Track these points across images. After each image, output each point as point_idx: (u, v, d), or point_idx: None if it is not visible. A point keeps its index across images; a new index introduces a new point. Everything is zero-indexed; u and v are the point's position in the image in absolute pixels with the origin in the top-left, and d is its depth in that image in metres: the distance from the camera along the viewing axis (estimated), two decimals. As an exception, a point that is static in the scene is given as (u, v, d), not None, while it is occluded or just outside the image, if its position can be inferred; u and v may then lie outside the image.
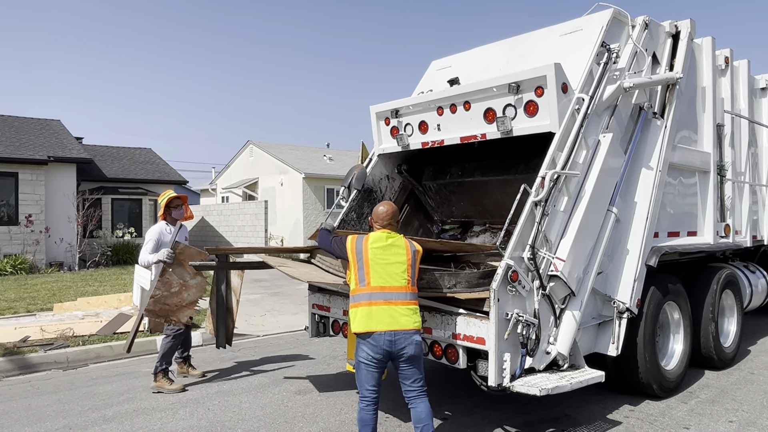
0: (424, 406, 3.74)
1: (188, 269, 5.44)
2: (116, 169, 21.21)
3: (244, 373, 6.19)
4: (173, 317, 5.42)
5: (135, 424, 4.68)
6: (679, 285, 5.54)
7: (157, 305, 5.28)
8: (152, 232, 5.76)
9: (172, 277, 5.35)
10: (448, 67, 6.25)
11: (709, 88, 6.06)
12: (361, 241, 3.83)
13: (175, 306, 5.39)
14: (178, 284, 5.37)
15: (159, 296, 5.26)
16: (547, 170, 4.16)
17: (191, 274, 5.46)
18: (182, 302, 5.42)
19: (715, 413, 4.76)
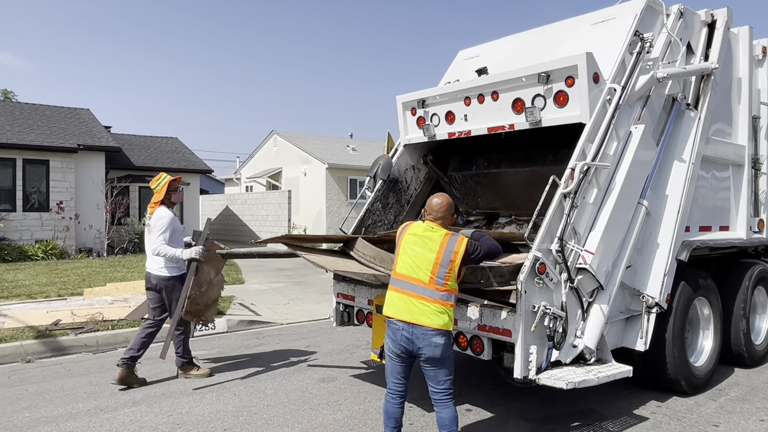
0: (448, 411, 3.58)
1: (214, 266, 5.39)
2: (143, 158, 21.55)
3: (269, 361, 6.27)
4: (202, 317, 5.39)
5: (163, 407, 4.78)
6: (710, 280, 5.42)
7: (192, 306, 5.23)
8: (165, 220, 5.37)
9: (202, 276, 5.31)
10: (475, 56, 6.18)
11: (745, 78, 5.89)
12: (404, 228, 3.75)
13: (205, 305, 5.36)
14: (206, 283, 5.36)
15: (194, 296, 5.23)
16: (577, 161, 4.10)
17: (215, 271, 5.45)
18: (209, 301, 5.39)
19: (746, 411, 4.67)
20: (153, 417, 4.55)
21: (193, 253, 5.25)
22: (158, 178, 5.58)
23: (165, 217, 5.38)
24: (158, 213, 5.42)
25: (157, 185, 5.53)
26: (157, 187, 5.52)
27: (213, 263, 5.40)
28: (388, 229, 5.88)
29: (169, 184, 5.50)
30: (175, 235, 5.38)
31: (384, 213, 5.87)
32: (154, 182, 5.56)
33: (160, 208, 5.46)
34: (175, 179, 5.60)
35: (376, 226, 5.80)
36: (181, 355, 5.59)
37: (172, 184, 5.53)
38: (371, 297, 4.91)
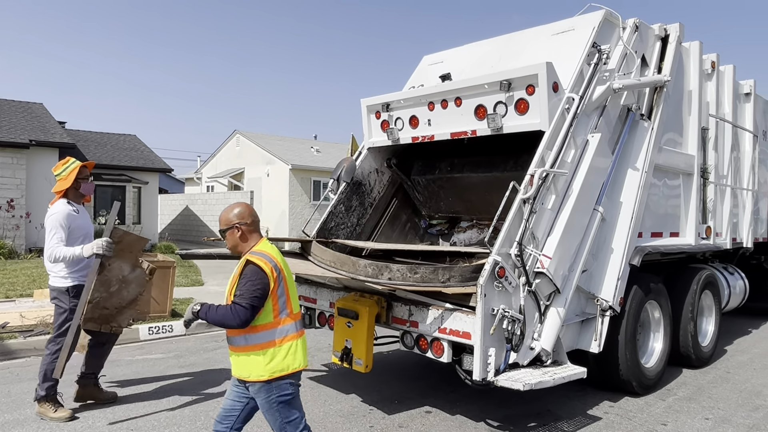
0: None
1: (128, 260, 4.56)
2: (100, 155, 20.89)
3: (228, 364, 6.14)
4: (113, 323, 4.54)
5: (117, 412, 4.64)
6: (661, 284, 5.63)
7: (95, 311, 4.38)
8: (58, 216, 4.37)
9: (111, 274, 4.43)
10: (440, 62, 6.26)
11: (695, 91, 6.15)
12: (275, 258, 2.94)
13: (115, 309, 4.52)
14: (118, 281, 4.49)
15: (98, 300, 4.38)
16: (537, 168, 4.20)
17: (131, 266, 4.60)
18: (122, 303, 4.55)
19: (692, 410, 4.86)
20: (106, 423, 4.42)
21: (94, 248, 4.28)
22: (65, 162, 4.58)
23: (58, 212, 4.39)
24: (52, 208, 4.47)
25: (62, 171, 4.52)
26: (61, 173, 4.50)
27: (126, 257, 4.54)
28: (351, 231, 5.89)
29: (78, 170, 4.52)
30: (72, 234, 4.42)
31: (347, 216, 5.87)
32: (58, 167, 4.56)
33: (59, 201, 4.50)
34: (86, 164, 4.62)
35: (338, 228, 5.80)
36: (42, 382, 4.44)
37: (82, 171, 4.55)
38: (333, 300, 4.90)
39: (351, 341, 4.45)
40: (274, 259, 2.91)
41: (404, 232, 6.43)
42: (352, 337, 4.45)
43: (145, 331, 7.36)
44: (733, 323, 8.66)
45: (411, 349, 4.39)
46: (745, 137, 7.58)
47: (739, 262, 8.11)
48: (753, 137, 7.66)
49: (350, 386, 5.31)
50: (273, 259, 2.91)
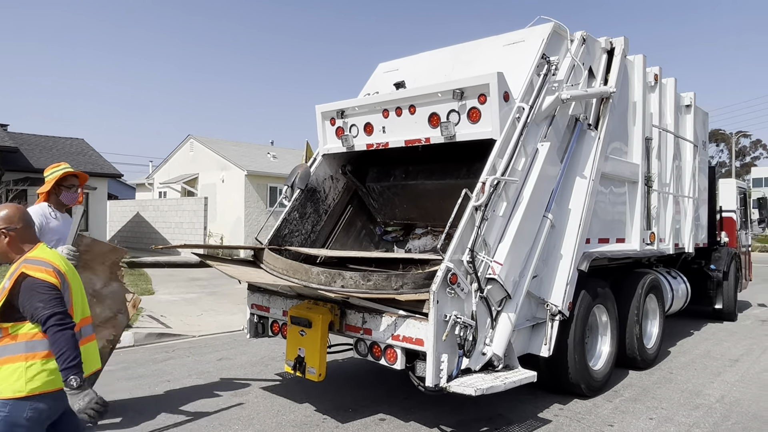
0: None
1: (100, 273, 4.05)
2: (45, 160, 20.02)
3: (179, 375, 6.00)
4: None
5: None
6: (608, 289, 5.81)
7: None
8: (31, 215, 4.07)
9: None
10: (395, 70, 6.30)
11: (639, 103, 6.40)
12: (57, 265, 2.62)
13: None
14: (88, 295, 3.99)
15: None
16: (488, 176, 4.27)
17: (104, 279, 4.07)
18: (95, 321, 3.77)
19: (637, 411, 5.02)
20: (45, 440, 4.21)
21: None
22: (55, 166, 4.36)
23: (31, 211, 3.98)
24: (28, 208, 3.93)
25: (49, 174, 4.30)
26: (48, 176, 4.29)
27: (97, 269, 4.07)
28: (305, 239, 5.84)
29: (62, 177, 4.25)
30: (45, 236, 3.99)
31: (301, 223, 5.82)
32: (48, 169, 4.36)
33: (38, 204, 4.25)
34: (76, 174, 4.38)
35: (293, 235, 5.74)
36: None
37: (67, 179, 4.29)
38: (286, 308, 4.84)
39: (304, 350, 4.41)
40: (54, 264, 2.57)
41: (359, 239, 6.42)
42: (305, 345, 4.40)
43: (91, 343, 7.07)
44: (676, 325, 9.02)
45: (365, 357, 4.38)
46: (686, 147, 7.94)
47: (682, 266, 8.48)
48: (693, 147, 8.03)
49: (304, 395, 5.25)
50: (53, 264, 2.57)
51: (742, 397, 5.44)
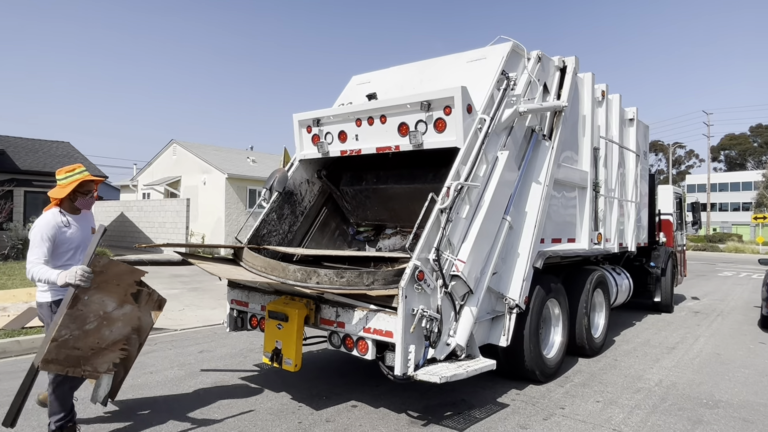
0: None
1: (113, 295, 3.67)
2: (30, 162, 19.36)
3: (161, 367, 5.86)
4: (87, 366, 3.58)
5: (41, 420, 4.28)
6: (560, 284, 5.92)
7: (61, 351, 3.42)
8: (41, 230, 3.62)
9: (87, 309, 3.53)
10: (367, 82, 6.30)
11: (588, 116, 6.55)
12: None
13: (91, 350, 3.59)
14: (97, 318, 3.60)
15: (66, 338, 3.44)
16: (453, 181, 4.31)
17: (117, 301, 3.70)
18: (101, 343, 3.65)
19: (586, 395, 5.13)
20: (30, 431, 4.06)
21: (68, 277, 3.41)
22: (71, 169, 3.86)
23: (43, 224, 3.65)
24: (40, 218, 3.74)
25: (64, 178, 3.81)
26: (62, 180, 3.81)
27: (111, 290, 3.67)
28: (282, 238, 5.78)
29: (81, 184, 3.81)
30: (59, 248, 3.68)
31: (279, 223, 5.76)
32: (62, 172, 3.85)
33: (50, 210, 3.78)
34: (94, 179, 3.91)
35: (271, 235, 5.68)
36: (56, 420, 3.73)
37: (85, 185, 3.84)
38: (264, 303, 4.79)
39: (281, 342, 4.37)
40: None
41: (333, 239, 6.40)
42: (282, 338, 4.36)
43: (75, 337, 6.85)
44: (620, 317, 9.27)
45: (338, 348, 4.36)
46: (629, 156, 8.16)
47: (625, 263, 8.71)
48: (636, 156, 8.26)
49: (280, 385, 5.20)
50: None
51: (678, 381, 5.61)
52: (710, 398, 5.09)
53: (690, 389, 5.35)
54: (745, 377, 5.83)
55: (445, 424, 4.28)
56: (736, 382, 5.65)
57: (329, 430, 4.14)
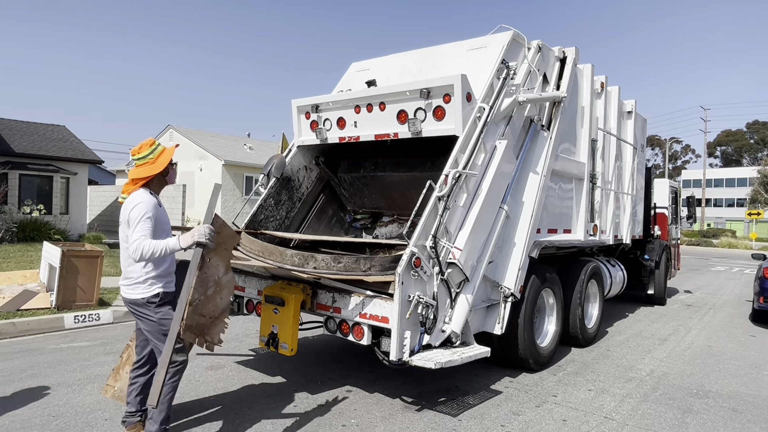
0: None
1: (223, 260, 3.48)
2: (26, 145, 19.20)
3: (156, 350, 5.87)
4: (207, 336, 3.40)
5: (38, 399, 4.31)
6: (555, 274, 5.96)
7: (193, 318, 3.27)
8: (144, 207, 3.32)
9: (209, 272, 3.36)
10: (366, 69, 6.27)
11: (587, 107, 6.54)
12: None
13: (210, 318, 3.40)
14: (214, 283, 3.42)
15: (197, 302, 3.29)
16: (451, 169, 4.31)
17: (225, 267, 3.51)
18: (215, 311, 3.44)
19: (578, 383, 5.19)
20: (26, 410, 4.09)
21: (196, 235, 3.24)
22: (150, 144, 3.52)
23: (144, 201, 3.35)
24: (134, 197, 3.40)
25: (149, 153, 3.49)
26: (147, 156, 3.48)
27: (222, 254, 3.47)
28: (280, 224, 5.79)
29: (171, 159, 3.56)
30: (157, 229, 3.39)
31: (276, 209, 5.76)
32: (143, 148, 3.50)
33: (140, 190, 3.44)
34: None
35: (268, 221, 5.68)
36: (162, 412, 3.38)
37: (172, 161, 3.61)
38: (260, 288, 4.80)
39: (277, 327, 4.39)
40: None
41: (330, 226, 6.41)
42: (278, 322, 4.38)
43: (71, 320, 6.87)
44: (613, 308, 9.34)
45: (334, 333, 4.39)
46: (627, 149, 8.18)
47: (620, 256, 8.76)
48: (633, 149, 8.27)
49: (276, 369, 5.23)
50: None
51: (669, 371, 5.68)
52: (700, 388, 5.16)
53: (681, 379, 5.42)
54: (735, 369, 5.91)
55: (438, 410, 4.32)
56: (726, 373, 5.73)
57: (324, 413, 4.18)
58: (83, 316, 6.99)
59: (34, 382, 4.71)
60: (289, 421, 4.01)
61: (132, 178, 3.49)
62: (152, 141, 3.55)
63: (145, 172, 3.46)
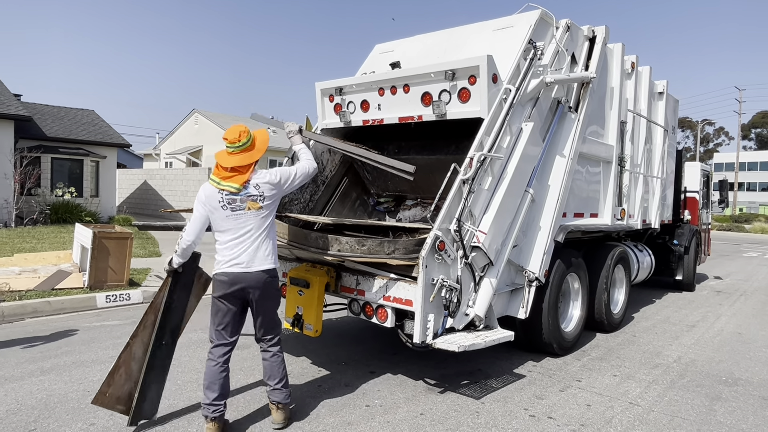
0: None
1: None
2: (57, 129, 19.68)
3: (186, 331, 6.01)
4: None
5: (73, 375, 4.48)
6: (580, 259, 5.88)
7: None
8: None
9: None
10: (390, 51, 6.21)
11: (616, 88, 6.37)
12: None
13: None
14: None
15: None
16: (476, 152, 4.27)
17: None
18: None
19: (603, 368, 5.15)
20: (62, 385, 4.25)
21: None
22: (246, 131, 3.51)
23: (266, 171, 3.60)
24: (264, 173, 3.58)
25: (247, 141, 3.52)
26: (245, 143, 3.51)
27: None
28: (304, 207, 5.83)
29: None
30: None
31: (300, 192, 5.80)
32: (242, 136, 3.49)
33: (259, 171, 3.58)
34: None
35: (292, 204, 5.72)
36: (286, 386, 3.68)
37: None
38: (285, 270, 4.86)
39: (302, 308, 4.45)
40: None
41: (354, 209, 6.42)
42: (303, 304, 4.44)
43: (103, 299, 7.09)
44: (640, 294, 9.19)
45: (358, 316, 4.43)
46: (657, 131, 7.96)
47: (648, 241, 8.59)
48: (664, 131, 8.05)
49: (301, 349, 5.32)
50: None
51: (697, 358, 5.59)
52: (730, 376, 5.06)
53: (709, 367, 5.32)
54: (767, 357, 5.78)
55: (461, 392, 4.34)
56: (757, 361, 5.60)
57: (348, 393, 4.24)
58: (114, 295, 7.20)
59: (70, 359, 4.89)
60: (314, 400, 4.08)
61: (233, 166, 3.47)
62: (246, 127, 3.56)
63: (248, 159, 3.52)
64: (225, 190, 3.46)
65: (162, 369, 3.64)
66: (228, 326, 3.60)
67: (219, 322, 3.59)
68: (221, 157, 3.54)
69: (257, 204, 3.49)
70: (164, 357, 3.65)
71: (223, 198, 3.44)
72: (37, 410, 3.77)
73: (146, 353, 3.54)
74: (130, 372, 3.52)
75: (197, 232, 3.52)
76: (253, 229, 3.48)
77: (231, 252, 3.48)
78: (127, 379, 3.51)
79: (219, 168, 3.54)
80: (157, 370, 3.61)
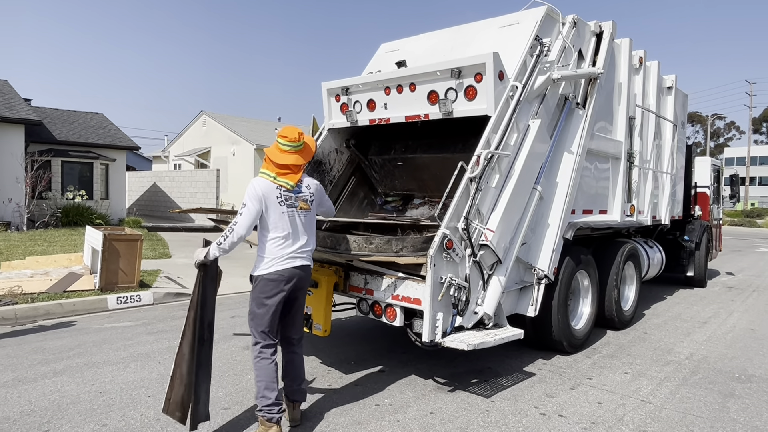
0: None
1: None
2: (67, 132, 19.87)
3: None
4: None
5: (86, 376, 4.52)
6: (590, 256, 5.85)
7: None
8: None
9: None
10: (396, 50, 6.21)
11: (624, 84, 6.32)
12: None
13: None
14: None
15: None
16: (483, 150, 4.25)
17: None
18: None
19: (614, 366, 5.11)
20: (75, 387, 4.29)
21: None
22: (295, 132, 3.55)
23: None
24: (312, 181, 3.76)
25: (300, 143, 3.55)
26: (297, 146, 3.54)
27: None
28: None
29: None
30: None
31: (308, 192, 5.80)
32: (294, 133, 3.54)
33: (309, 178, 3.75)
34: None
35: (300, 204, 5.73)
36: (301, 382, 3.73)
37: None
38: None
39: (311, 308, 4.46)
40: None
41: (361, 208, 6.43)
42: (312, 304, 4.45)
43: (114, 301, 7.15)
44: (651, 290, 9.12)
45: (366, 315, 4.43)
46: (666, 126, 7.89)
47: (658, 237, 8.53)
48: (673, 126, 7.98)
49: (310, 349, 5.33)
50: None
51: (709, 355, 5.53)
52: (743, 373, 5.01)
53: (722, 363, 5.27)
54: (780, 353, 5.71)
55: (471, 391, 4.33)
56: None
57: (358, 393, 4.25)
58: (125, 297, 7.25)
59: (82, 360, 4.94)
60: (323, 400, 4.09)
61: (287, 163, 3.51)
62: (293, 130, 3.59)
63: (301, 160, 3.57)
64: (282, 186, 3.48)
65: (207, 366, 3.53)
66: (276, 323, 3.61)
67: (270, 320, 3.55)
68: (274, 154, 3.53)
69: (307, 204, 3.59)
70: (207, 354, 3.54)
71: (281, 194, 3.47)
72: (50, 411, 3.81)
73: (192, 352, 3.43)
74: (182, 374, 3.43)
75: (249, 227, 3.44)
76: (302, 228, 3.56)
77: (287, 250, 3.49)
78: (180, 382, 3.42)
79: (270, 163, 3.53)
80: (204, 368, 3.50)
